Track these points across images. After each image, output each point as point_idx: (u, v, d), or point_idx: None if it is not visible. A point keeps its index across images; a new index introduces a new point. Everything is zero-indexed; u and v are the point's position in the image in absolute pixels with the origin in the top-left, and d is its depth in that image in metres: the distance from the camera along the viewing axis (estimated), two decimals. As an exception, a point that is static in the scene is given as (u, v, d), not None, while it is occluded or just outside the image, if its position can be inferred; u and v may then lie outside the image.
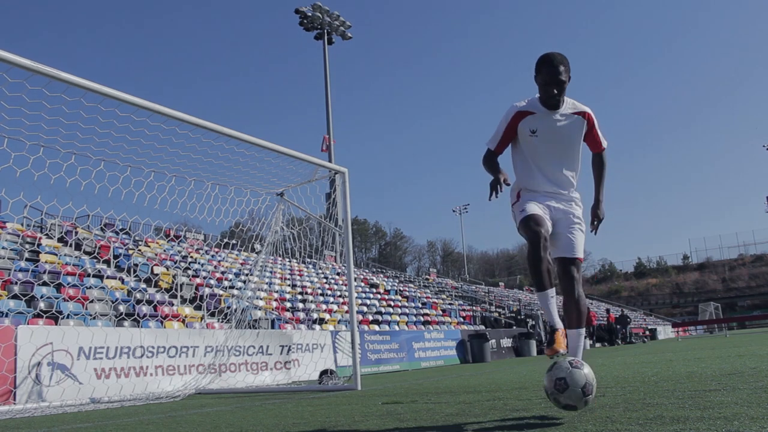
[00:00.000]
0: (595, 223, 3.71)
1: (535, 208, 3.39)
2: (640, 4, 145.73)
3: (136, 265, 15.70)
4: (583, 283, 3.58)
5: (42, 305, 10.58)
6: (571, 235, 3.47)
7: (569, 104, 3.51)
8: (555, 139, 3.49)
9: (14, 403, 7.27)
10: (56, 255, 13.99)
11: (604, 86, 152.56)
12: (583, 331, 3.45)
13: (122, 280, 14.09)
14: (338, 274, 26.30)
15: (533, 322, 25.88)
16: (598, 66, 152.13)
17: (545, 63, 3.36)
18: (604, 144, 3.67)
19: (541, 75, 3.39)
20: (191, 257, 19.18)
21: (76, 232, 16.59)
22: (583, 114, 3.52)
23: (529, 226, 3.30)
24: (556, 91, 3.36)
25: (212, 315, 13.99)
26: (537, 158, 3.55)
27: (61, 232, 16.60)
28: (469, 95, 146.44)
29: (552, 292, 3.27)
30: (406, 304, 24.76)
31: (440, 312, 25.57)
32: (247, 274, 17.81)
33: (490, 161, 3.58)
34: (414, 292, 29.59)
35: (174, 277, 15.57)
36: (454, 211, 75.26)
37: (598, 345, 28.30)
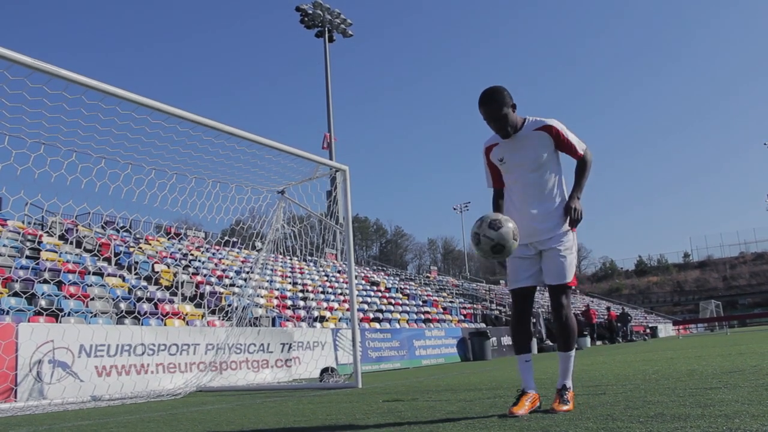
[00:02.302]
0: (568, 216, 3.51)
1: (517, 275, 3.59)
2: (642, 6, 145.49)
3: (137, 262, 15.70)
4: (584, 281, 3.60)
5: (43, 303, 10.58)
6: (556, 262, 3.50)
7: (530, 123, 3.58)
8: (522, 160, 3.56)
9: (15, 401, 7.28)
10: (57, 252, 14.00)
11: (608, 85, 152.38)
12: (572, 353, 3.58)
13: (123, 278, 14.09)
14: (339, 271, 26.30)
15: (534, 320, 25.84)
16: (601, 66, 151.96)
17: (479, 104, 3.53)
18: (580, 149, 3.58)
19: (481, 114, 3.55)
20: (192, 255, 19.18)
21: (77, 230, 16.59)
22: (545, 128, 3.54)
23: (513, 300, 3.65)
24: (497, 126, 3.53)
25: (213, 313, 14.00)
26: (512, 185, 3.66)
27: (62, 230, 16.60)
28: (470, 93, 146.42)
29: (528, 356, 3.60)
30: (407, 302, 24.76)
31: (441, 310, 25.58)
32: (247, 272, 17.82)
33: (495, 211, 3.75)
34: (415, 290, 29.59)
35: (175, 274, 15.57)
36: (455, 209, 75.15)
37: (598, 343, 28.30)
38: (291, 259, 22.86)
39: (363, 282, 25.90)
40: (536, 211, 3.56)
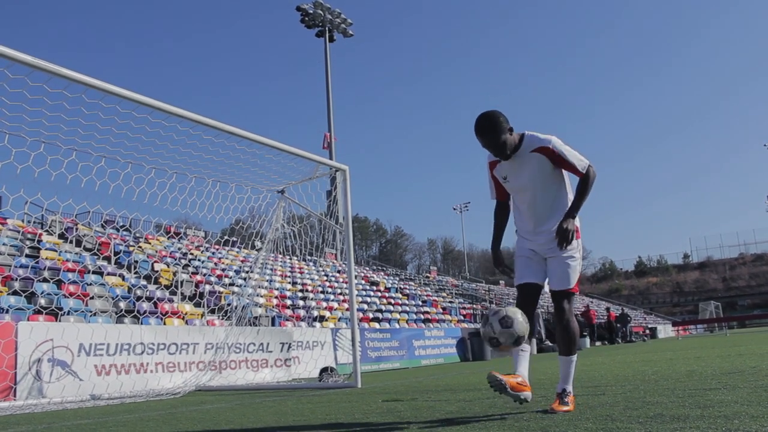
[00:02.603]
0: (557, 237, 3.44)
1: (523, 272, 3.64)
2: (642, 6, 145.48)
3: (137, 261, 15.70)
4: (584, 282, 3.61)
5: (42, 301, 10.58)
6: (560, 268, 3.56)
7: (527, 142, 3.54)
8: (523, 180, 3.59)
9: (14, 400, 7.28)
10: (57, 251, 13.99)
11: (607, 85, 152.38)
12: (573, 358, 3.61)
13: (123, 277, 14.09)
14: (339, 271, 26.30)
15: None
16: (601, 66, 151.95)
17: (476, 133, 3.51)
18: (581, 167, 3.51)
19: (479, 142, 3.55)
20: (192, 254, 19.19)
21: (77, 229, 16.59)
22: (541, 149, 3.51)
23: (518, 297, 3.65)
24: (496, 152, 3.54)
25: (212, 312, 14.00)
26: (517, 201, 3.73)
27: (62, 229, 16.60)
28: (471, 93, 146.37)
29: (525, 346, 3.50)
30: (407, 302, 24.76)
31: (440, 310, 25.58)
32: (247, 272, 17.82)
33: (495, 223, 3.89)
34: (414, 290, 29.59)
35: (174, 274, 15.57)
36: (454, 209, 75.07)
37: (598, 343, 28.30)
38: (291, 259, 22.87)
39: (362, 282, 25.90)
40: (543, 228, 3.61)
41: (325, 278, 23.41)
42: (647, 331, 38.99)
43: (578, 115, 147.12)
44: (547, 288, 3.73)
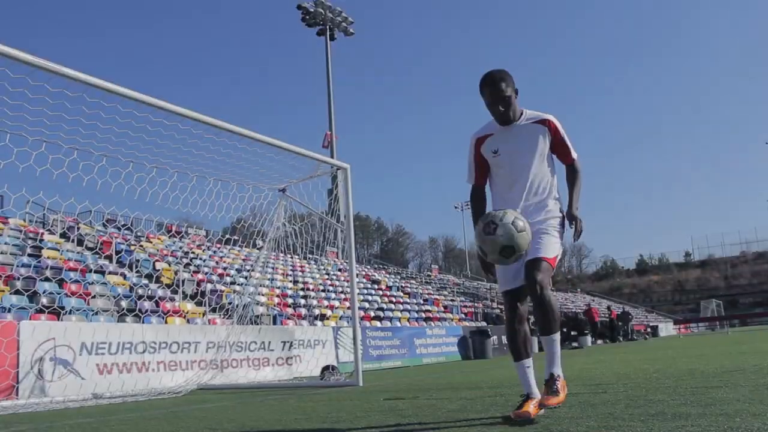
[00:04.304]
0: (573, 226, 3.31)
1: (505, 277, 3.34)
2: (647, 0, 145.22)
3: (138, 260, 15.70)
4: (585, 280, 3.53)
5: (44, 300, 10.59)
6: (537, 237, 3.23)
7: (528, 115, 3.44)
8: (517, 151, 3.38)
9: (17, 399, 7.30)
10: (58, 250, 14.00)
11: (606, 81, 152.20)
12: (556, 336, 3.17)
13: (124, 276, 14.10)
14: (340, 270, 26.30)
15: (534, 319, 25.92)
16: (603, 64, 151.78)
17: (485, 83, 3.36)
18: (574, 155, 3.44)
19: (484, 96, 3.38)
20: (193, 253, 19.19)
21: (78, 228, 16.60)
22: (543, 121, 3.39)
23: (505, 303, 3.36)
24: (502, 108, 3.35)
25: (214, 311, 14.00)
26: (504, 178, 3.45)
27: (64, 228, 16.61)
28: (471, 91, 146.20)
29: (528, 362, 3.22)
30: (408, 300, 24.76)
31: (442, 308, 25.57)
32: (248, 270, 17.83)
33: (474, 209, 3.60)
34: (416, 288, 29.59)
35: (176, 272, 15.57)
36: (455, 207, 75.05)
37: (599, 342, 28.31)
38: (292, 258, 22.85)
39: (364, 280, 25.90)
40: (528, 203, 3.34)
41: (326, 277, 23.41)
42: (649, 330, 39.03)
43: (579, 110, 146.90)
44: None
